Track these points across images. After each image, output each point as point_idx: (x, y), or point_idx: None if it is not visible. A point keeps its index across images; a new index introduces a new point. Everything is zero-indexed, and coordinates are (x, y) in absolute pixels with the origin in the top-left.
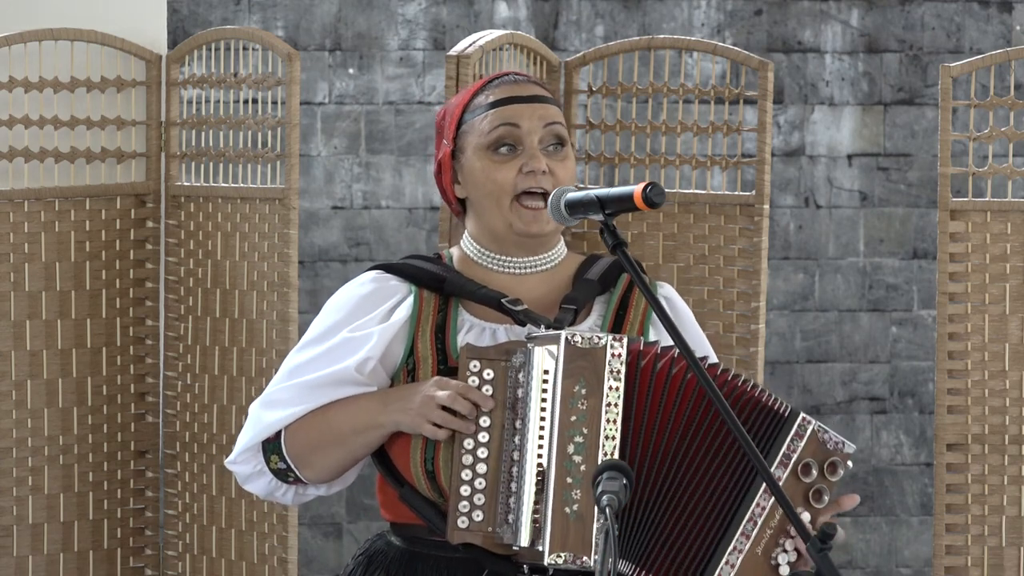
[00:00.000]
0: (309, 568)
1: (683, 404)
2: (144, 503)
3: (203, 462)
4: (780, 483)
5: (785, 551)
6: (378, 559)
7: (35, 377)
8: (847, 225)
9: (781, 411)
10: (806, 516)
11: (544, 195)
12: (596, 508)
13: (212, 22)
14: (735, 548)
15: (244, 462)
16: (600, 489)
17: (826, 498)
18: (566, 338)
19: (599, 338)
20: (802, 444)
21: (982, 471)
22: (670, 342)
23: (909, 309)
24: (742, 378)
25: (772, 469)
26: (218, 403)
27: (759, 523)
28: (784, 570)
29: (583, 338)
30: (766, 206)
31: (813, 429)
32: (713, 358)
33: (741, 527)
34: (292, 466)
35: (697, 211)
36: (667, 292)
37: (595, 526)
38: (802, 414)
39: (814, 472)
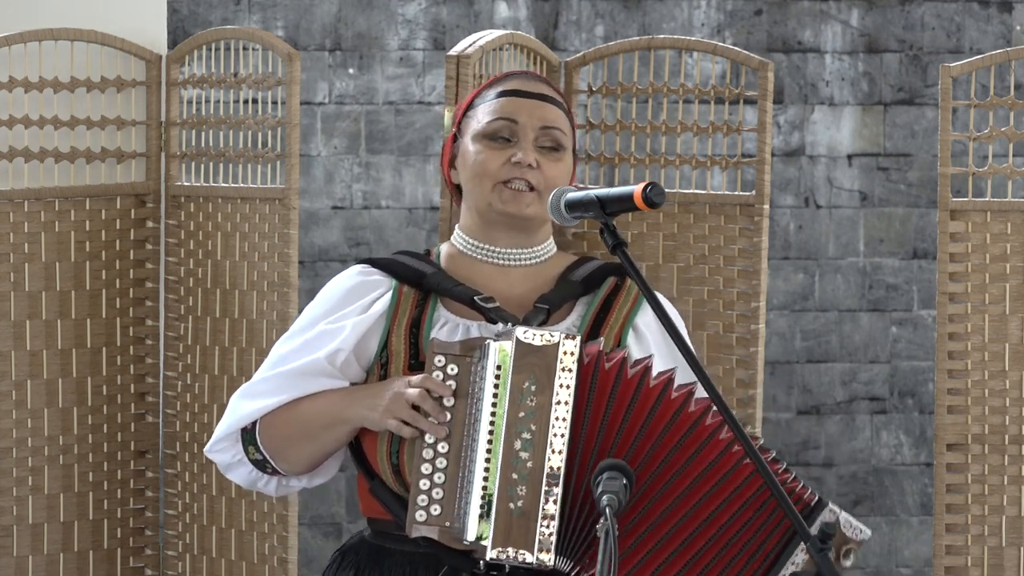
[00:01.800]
0: (309, 568)
1: (660, 419)
2: (144, 503)
3: (203, 462)
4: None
5: None
6: (351, 555)
7: (35, 377)
8: (847, 225)
9: (810, 500)
10: None
11: (528, 186)
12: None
13: (212, 22)
14: None
15: (221, 451)
16: (600, 489)
17: None
18: (518, 334)
19: (552, 336)
20: None
21: (982, 471)
22: (650, 352)
23: (909, 309)
24: (784, 465)
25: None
26: (218, 403)
27: None
28: None
29: (536, 335)
30: (766, 206)
31: (838, 518)
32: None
33: None
34: (268, 457)
35: (697, 211)
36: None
37: (554, 524)
38: (830, 504)
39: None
